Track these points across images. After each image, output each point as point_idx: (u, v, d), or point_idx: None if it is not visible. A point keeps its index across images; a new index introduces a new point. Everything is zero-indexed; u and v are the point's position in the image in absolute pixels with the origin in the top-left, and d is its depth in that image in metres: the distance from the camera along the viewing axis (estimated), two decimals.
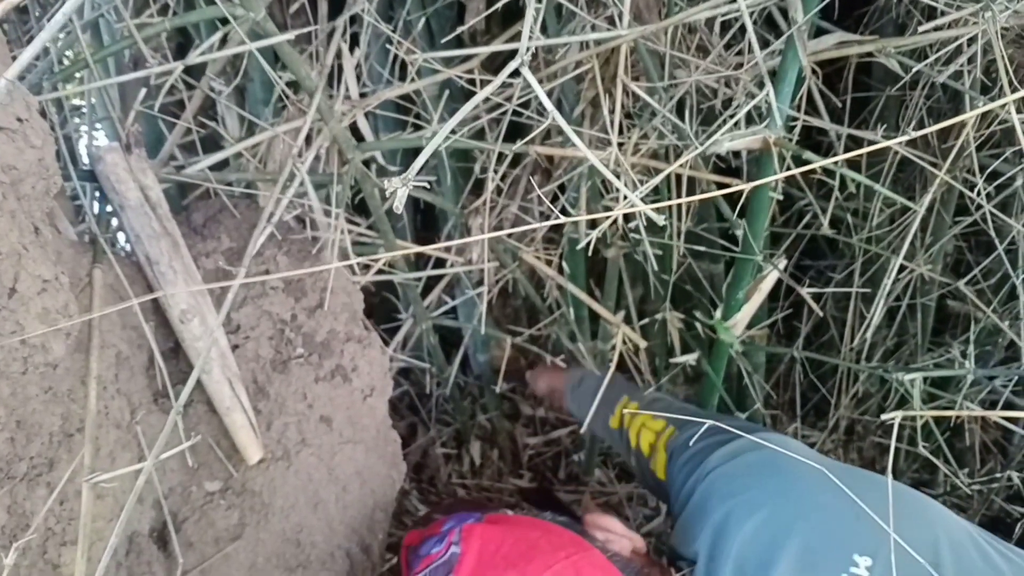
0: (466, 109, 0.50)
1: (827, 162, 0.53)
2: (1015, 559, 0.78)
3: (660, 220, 0.59)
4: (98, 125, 1.41)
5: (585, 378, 1.31)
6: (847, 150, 1.29)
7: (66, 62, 0.91)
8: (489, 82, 0.53)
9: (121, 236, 0.93)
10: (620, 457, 1.60)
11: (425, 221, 1.65)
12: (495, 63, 1.18)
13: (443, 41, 1.23)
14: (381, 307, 1.58)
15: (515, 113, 1.11)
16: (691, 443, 0.94)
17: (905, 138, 0.45)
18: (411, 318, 1.36)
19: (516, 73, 0.60)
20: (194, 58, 0.80)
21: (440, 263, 1.35)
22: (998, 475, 1.41)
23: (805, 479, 0.81)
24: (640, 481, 1.23)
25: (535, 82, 0.56)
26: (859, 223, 1.35)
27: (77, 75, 0.92)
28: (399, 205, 0.44)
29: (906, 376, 1.05)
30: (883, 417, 0.75)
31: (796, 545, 0.76)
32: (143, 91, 0.85)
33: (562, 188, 1.28)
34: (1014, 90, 1.10)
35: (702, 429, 0.94)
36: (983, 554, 0.77)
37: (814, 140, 1.35)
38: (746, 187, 0.58)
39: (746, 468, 0.86)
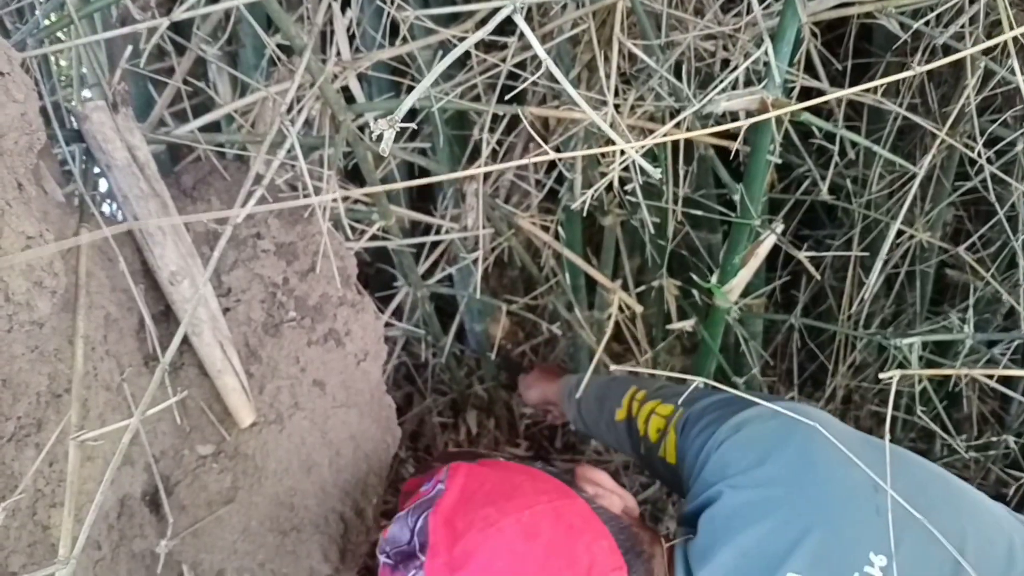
0: (455, 53, 0.49)
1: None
2: None
3: (655, 173, 0.58)
4: (87, 93, 1.39)
5: (582, 383, 1.25)
6: (846, 116, 1.28)
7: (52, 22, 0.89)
8: (485, 43, 0.52)
9: (110, 200, 0.92)
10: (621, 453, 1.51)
11: (420, 190, 1.64)
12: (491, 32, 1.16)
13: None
14: (377, 277, 1.58)
15: (511, 78, 1.10)
16: (702, 415, 0.89)
17: (911, 73, 0.43)
18: (407, 286, 1.35)
19: (510, 31, 0.59)
20: (180, 13, 0.78)
21: (436, 232, 1.34)
22: (994, 439, 1.40)
23: (825, 461, 0.75)
24: (650, 473, 1.17)
25: (527, 28, 0.55)
26: (858, 190, 1.34)
27: (61, 34, 0.91)
28: (385, 147, 0.42)
29: (904, 341, 1.04)
30: (881, 376, 0.74)
31: (810, 541, 0.71)
32: (129, 48, 0.84)
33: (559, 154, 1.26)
34: (1018, 48, 1.08)
35: (707, 401, 0.91)
36: (1009, 552, 0.73)
37: (814, 107, 1.33)
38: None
39: (761, 439, 0.80)
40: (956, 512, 0.74)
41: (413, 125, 1.20)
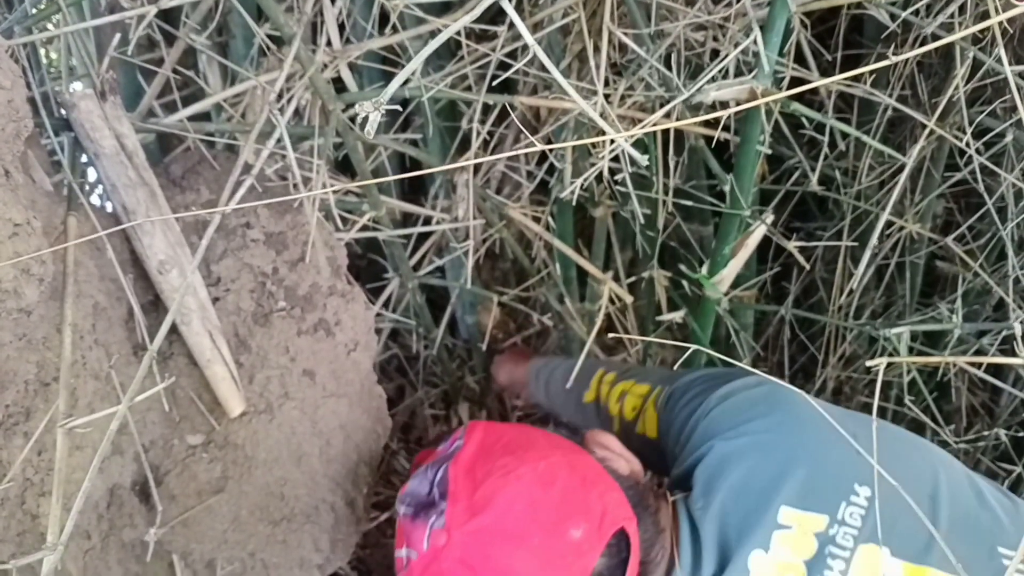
0: (444, 35, 0.48)
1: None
2: (1007, 501, 0.79)
3: (643, 161, 0.58)
4: (78, 85, 1.39)
5: (550, 363, 1.29)
6: (837, 108, 1.29)
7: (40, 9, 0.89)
8: (475, 32, 0.52)
9: (99, 189, 0.92)
10: None
11: (411, 182, 1.63)
12: (481, 23, 1.16)
13: None
14: (368, 269, 1.57)
15: (502, 68, 1.09)
16: (689, 388, 0.93)
17: (897, 59, 0.44)
18: (397, 278, 1.35)
19: (501, 21, 0.59)
20: (168, 1, 0.78)
21: (427, 223, 1.34)
22: (985, 433, 1.41)
23: (807, 414, 0.81)
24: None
25: (517, 18, 0.54)
26: (848, 182, 1.34)
27: (51, 24, 0.91)
28: (371, 130, 0.42)
29: (893, 331, 1.04)
30: (869, 364, 0.75)
31: (798, 475, 0.76)
32: (118, 36, 0.83)
33: (549, 144, 1.27)
34: (1005, 38, 1.08)
35: (692, 376, 0.94)
36: (978, 493, 0.78)
37: (804, 99, 1.34)
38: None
39: (749, 402, 0.85)
40: (927, 458, 0.80)
41: (398, 107, 1.20)
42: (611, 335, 1.46)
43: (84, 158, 0.87)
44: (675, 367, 1.31)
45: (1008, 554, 0.73)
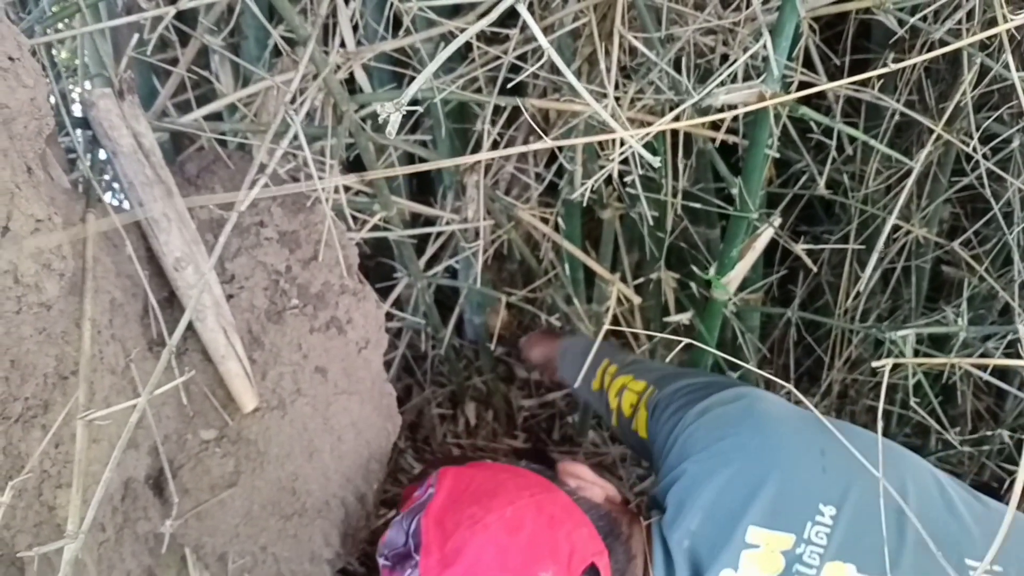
0: (459, 40, 0.50)
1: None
2: (979, 507, 0.80)
3: (655, 162, 0.59)
4: (89, 84, 1.41)
5: (573, 344, 1.31)
6: (844, 113, 1.29)
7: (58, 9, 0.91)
8: (486, 35, 0.53)
9: (115, 186, 0.93)
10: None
11: (421, 183, 1.65)
12: (492, 25, 1.17)
13: None
14: (377, 270, 1.59)
15: (513, 71, 1.11)
16: (672, 399, 0.95)
17: (904, 64, 0.44)
18: (406, 277, 1.36)
19: (512, 24, 0.60)
20: (186, 2, 0.79)
21: (433, 223, 1.35)
22: (989, 433, 1.42)
23: (777, 431, 0.83)
24: (624, 442, 1.24)
25: (531, 19, 0.56)
26: (855, 186, 1.35)
27: (62, 24, 0.92)
28: (391, 131, 0.44)
29: (898, 334, 1.05)
30: (874, 365, 0.75)
31: (765, 495, 0.78)
32: (135, 37, 0.85)
33: (559, 147, 1.28)
34: (1013, 44, 1.09)
35: (677, 385, 0.96)
36: (947, 502, 0.79)
37: (812, 103, 1.34)
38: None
39: (723, 420, 0.86)
40: (897, 467, 0.80)
41: (419, 109, 1.21)
42: (620, 327, 1.46)
43: (101, 155, 0.88)
44: (680, 365, 1.32)
45: (974, 565, 0.74)
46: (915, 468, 0.82)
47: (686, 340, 0.87)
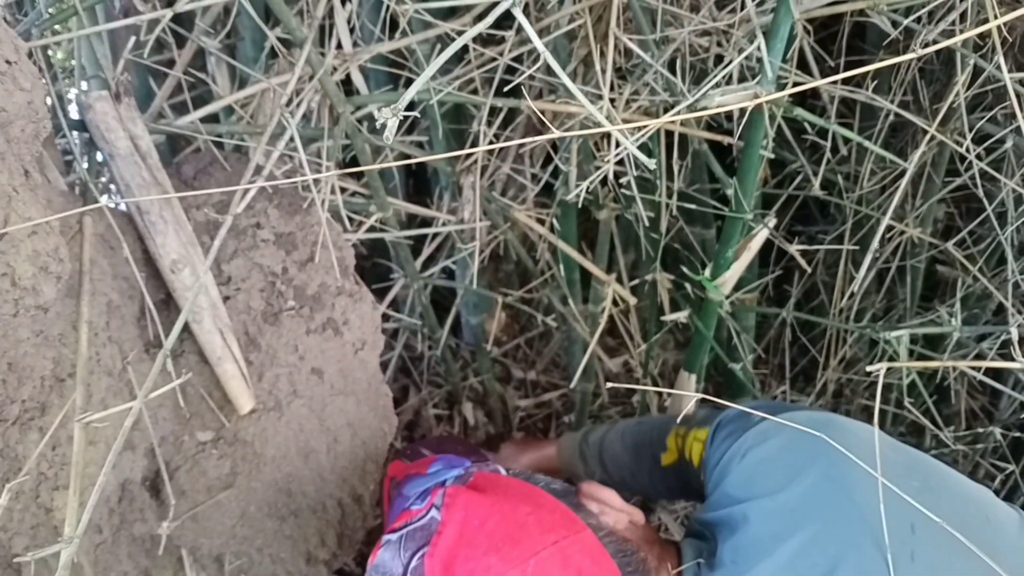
0: (456, 45, 0.50)
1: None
2: None
3: (650, 164, 0.59)
4: (85, 85, 1.41)
5: (590, 435, 1.14)
6: (839, 114, 1.30)
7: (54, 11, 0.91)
8: (482, 37, 0.53)
9: (112, 188, 0.94)
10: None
11: (417, 184, 1.65)
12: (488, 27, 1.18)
13: None
14: (373, 271, 1.59)
15: (509, 72, 1.11)
16: (732, 420, 0.85)
17: (898, 59, 0.45)
18: (403, 278, 1.37)
19: (507, 26, 0.60)
20: (183, 5, 0.79)
21: (433, 225, 1.35)
22: (981, 430, 1.43)
23: (862, 488, 0.69)
24: (689, 497, 1.07)
25: (526, 22, 0.56)
26: (850, 187, 1.35)
27: (59, 26, 0.92)
28: (389, 135, 0.44)
29: (892, 334, 1.06)
30: (868, 369, 0.75)
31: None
32: (132, 39, 0.85)
33: (555, 148, 1.28)
34: (1005, 45, 1.10)
35: (738, 409, 0.83)
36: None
37: (807, 105, 1.35)
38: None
39: (790, 453, 0.75)
40: (992, 547, 0.66)
41: (415, 114, 1.21)
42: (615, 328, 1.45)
43: (98, 158, 0.88)
44: (678, 369, 1.32)
45: None
46: (1005, 536, 0.72)
47: (732, 405, 0.76)
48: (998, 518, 0.74)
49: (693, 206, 1.28)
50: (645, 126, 1.12)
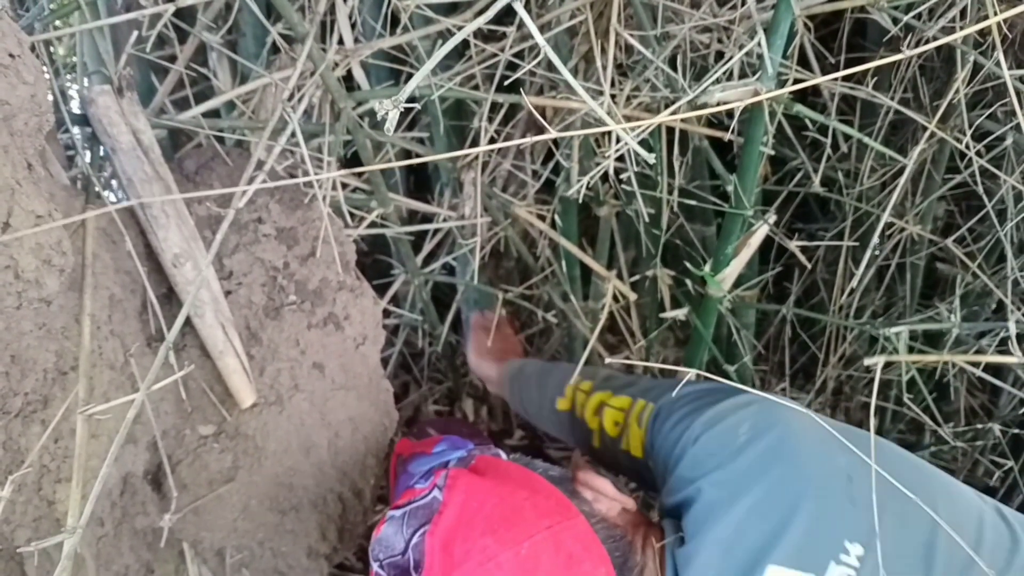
0: (457, 38, 0.50)
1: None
2: (1007, 542, 0.74)
3: (650, 158, 0.60)
4: (87, 81, 1.41)
5: (524, 369, 1.24)
6: (839, 111, 1.30)
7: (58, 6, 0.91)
8: (483, 33, 0.54)
9: (114, 182, 0.94)
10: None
11: (418, 181, 1.65)
12: (489, 23, 1.18)
13: None
14: (374, 267, 1.59)
15: (510, 68, 1.11)
16: (673, 409, 0.88)
17: (896, 58, 0.45)
18: (404, 274, 1.37)
19: (508, 22, 0.60)
20: (185, 0, 0.80)
21: (434, 221, 1.36)
22: (979, 426, 1.43)
23: (802, 451, 0.76)
24: (606, 466, 1.12)
25: (527, 17, 0.56)
26: (850, 184, 1.36)
27: (60, 21, 0.92)
28: (390, 127, 0.44)
29: (891, 330, 1.06)
30: (866, 362, 0.76)
31: (791, 532, 0.72)
32: (135, 34, 0.85)
33: (556, 144, 1.28)
34: (1006, 43, 1.10)
35: (677, 394, 0.89)
36: (978, 531, 0.74)
37: (808, 101, 1.35)
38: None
39: (738, 432, 0.80)
40: (928, 496, 0.71)
41: (417, 106, 1.21)
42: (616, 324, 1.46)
43: (101, 152, 0.89)
44: (678, 365, 1.33)
45: None
46: (947, 492, 0.77)
47: (671, 386, 0.82)
48: (929, 469, 0.81)
49: (693, 203, 1.28)
50: (646, 122, 1.12)
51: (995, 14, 0.75)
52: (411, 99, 1.18)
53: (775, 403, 0.82)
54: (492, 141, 1.24)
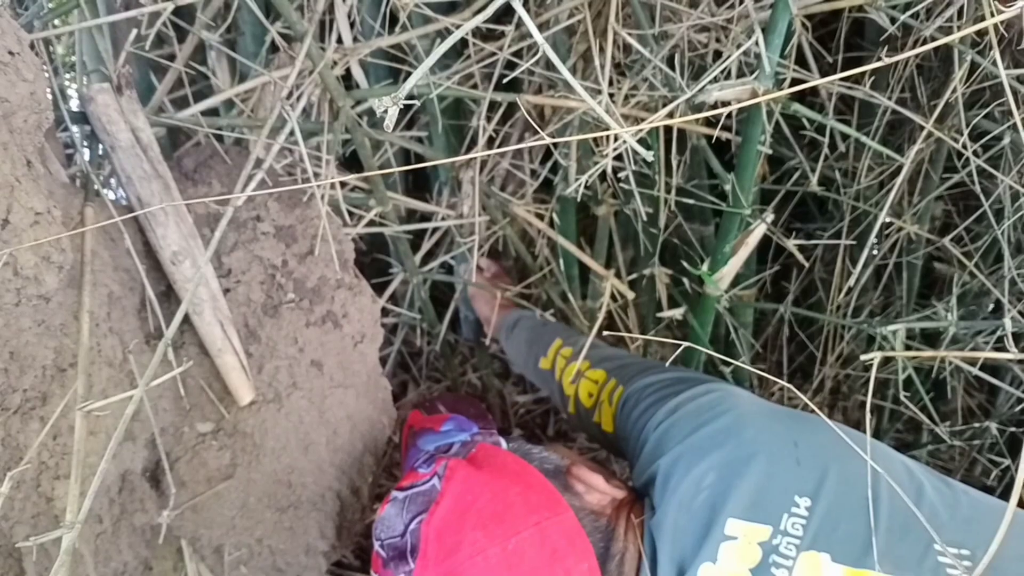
0: (455, 36, 0.50)
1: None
2: (947, 492, 0.80)
3: (648, 156, 0.60)
4: (86, 79, 1.41)
5: (522, 318, 1.33)
6: (837, 110, 1.30)
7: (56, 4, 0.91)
8: (482, 31, 0.54)
9: (113, 180, 0.94)
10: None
11: (417, 179, 1.65)
12: (487, 22, 1.18)
13: None
14: (372, 266, 1.59)
15: (508, 67, 1.11)
16: (641, 397, 0.95)
17: (894, 59, 0.45)
18: (402, 273, 1.37)
19: (507, 21, 0.61)
20: None
21: (432, 220, 1.36)
22: (976, 425, 1.43)
23: (751, 424, 0.84)
24: (581, 430, 1.21)
25: (526, 16, 0.56)
26: (848, 183, 1.36)
27: (61, 19, 0.92)
28: (389, 124, 0.44)
29: (888, 328, 1.06)
30: (863, 358, 0.77)
31: (744, 488, 0.79)
32: (134, 32, 0.85)
33: (554, 143, 1.29)
34: (1003, 43, 1.10)
35: (645, 381, 0.96)
36: (917, 487, 0.80)
37: (805, 101, 1.35)
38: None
39: (695, 414, 0.87)
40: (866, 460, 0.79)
41: (416, 104, 1.22)
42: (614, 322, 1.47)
43: (99, 150, 0.89)
44: (667, 361, 1.33)
45: (940, 550, 0.75)
46: (884, 457, 0.83)
47: (684, 344, 0.87)
48: (864, 437, 0.86)
49: (691, 202, 1.28)
50: (646, 123, 1.12)
51: (992, 14, 0.75)
52: (410, 97, 1.18)
53: (731, 390, 0.91)
54: (491, 140, 1.24)
